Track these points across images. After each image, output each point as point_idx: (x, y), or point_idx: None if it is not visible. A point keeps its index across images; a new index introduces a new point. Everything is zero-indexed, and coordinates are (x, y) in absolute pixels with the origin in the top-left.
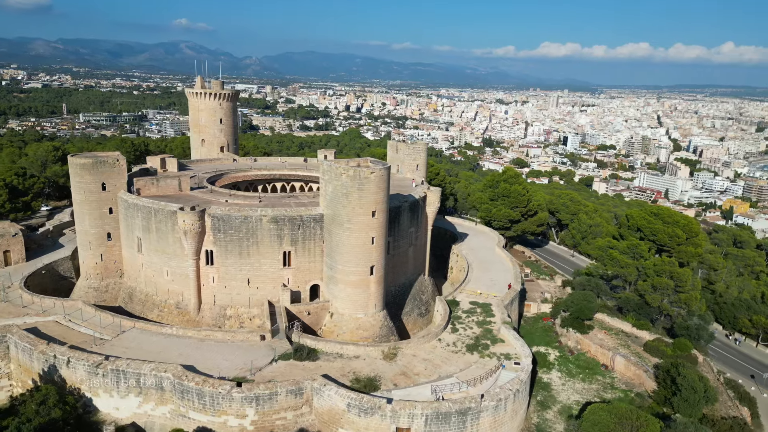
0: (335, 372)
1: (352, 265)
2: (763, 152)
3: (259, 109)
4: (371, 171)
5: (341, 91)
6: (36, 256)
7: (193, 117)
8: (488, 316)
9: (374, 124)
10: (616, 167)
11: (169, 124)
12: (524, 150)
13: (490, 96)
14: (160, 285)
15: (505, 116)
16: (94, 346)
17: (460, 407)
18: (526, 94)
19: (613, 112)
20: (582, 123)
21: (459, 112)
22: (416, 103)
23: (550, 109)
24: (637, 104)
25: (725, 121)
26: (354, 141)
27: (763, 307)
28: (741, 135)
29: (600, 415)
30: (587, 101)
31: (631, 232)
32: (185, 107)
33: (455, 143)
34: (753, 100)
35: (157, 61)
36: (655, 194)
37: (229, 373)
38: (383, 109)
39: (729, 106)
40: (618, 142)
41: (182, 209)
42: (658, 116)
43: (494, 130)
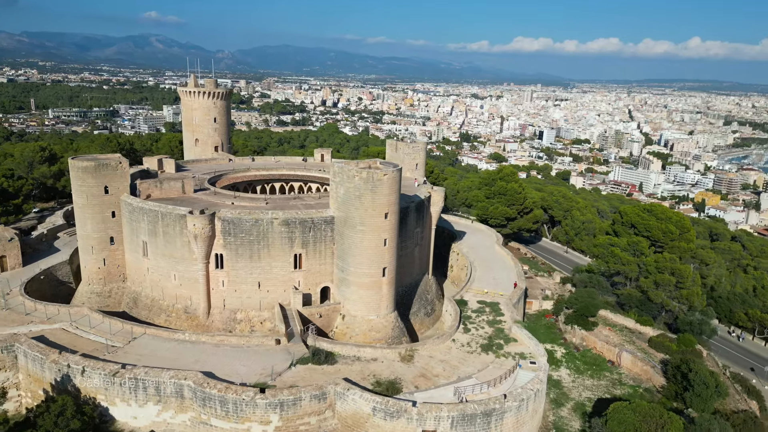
0: (355, 375)
1: (364, 267)
2: (731, 145)
3: (233, 104)
4: (384, 173)
5: (317, 85)
6: (32, 261)
7: (186, 116)
8: (498, 315)
9: (351, 119)
10: (591, 161)
11: (143, 120)
12: (501, 145)
13: (465, 90)
14: (167, 289)
15: (481, 111)
16: (106, 354)
17: (485, 408)
18: (500, 89)
19: (585, 106)
20: (556, 117)
21: (435, 107)
22: (392, 98)
23: (525, 104)
24: (609, 98)
25: (694, 115)
26: (333, 136)
27: (756, 301)
28: (709, 128)
29: (625, 414)
30: (560, 96)
31: (626, 229)
32: (158, 102)
33: (433, 138)
34: (720, 94)
35: (126, 55)
36: (630, 188)
37: (249, 379)
38: (360, 103)
39: (697, 100)
40: (592, 137)
41: (191, 213)
42: (629, 110)
43: (471, 125)
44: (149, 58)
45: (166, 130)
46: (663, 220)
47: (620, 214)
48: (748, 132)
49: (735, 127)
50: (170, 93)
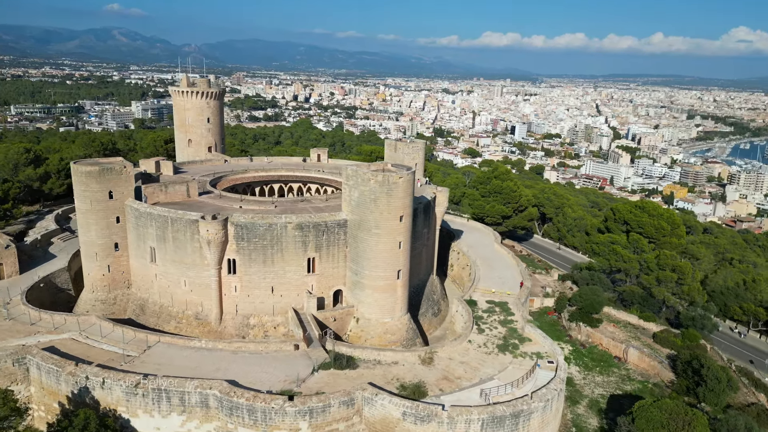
0: (378, 379)
1: (380, 270)
2: (695, 139)
3: None
4: (399, 176)
5: (287, 80)
6: (29, 268)
7: (178, 116)
8: (508, 315)
9: (324, 114)
10: (562, 155)
11: (110, 116)
12: (475, 140)
13: (436, 85)
14: (177, 296)
15: (453, 106)
16: (123, 364)
17: (513, 410)
18: (470, 84)
19: (554, 101)
20: (527, 112)
21: (407, 102)
22: (364, 93)
23: (495, 99)
24: (576, 93)
25: (658, 109)
26: (307, 132)
27: (748, 294)
28: (673, 122)
29: (652, 412)
30: (529, 90)
31: (618, 225)
32: (124, 98)
33: (407, 133)
34: (682, 89)
35: (89, 49)
36: (602, 181)
37: (273, 386)
38: (332, 98)
39: (660, 95)
40: (562, 131)
41: (203, 218)
42: (596, 105)
43: (443, 120)
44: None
45: (136, 127)
46: (655, 217)
47: (612, 211)
48: (711, 125)
49: (698, 121)
50: (137, 88)
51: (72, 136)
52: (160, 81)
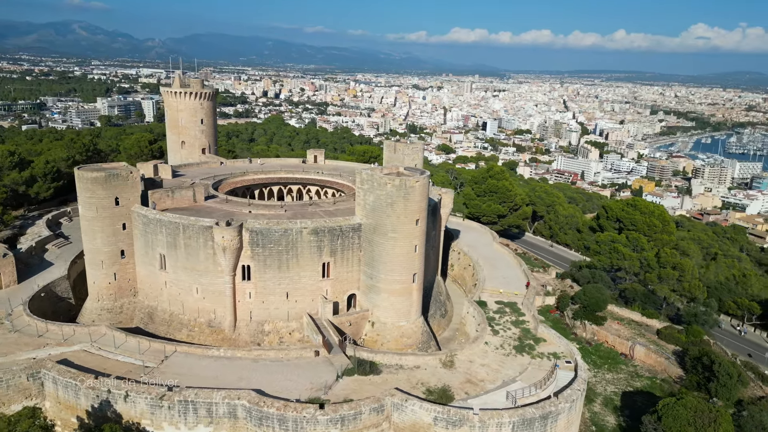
0: (403, 384)
1: (396, 274)
2: (659, 134)
3: None
4: (416, 180)
5: (256, 75)
6: (26, 277)
7: (171, 117)
8: (519, 315)
9: (296, 110)
10: (534, 151)
11: (75, 113)
12: (448, 136)
13: (406, 81)
14: (189, 303)
15: (424, 102)
16: (142, 376)
17: (542, 412)
18: (440, 80)
19: (523, 97)
20: (496, 108)
21: (379, 98)
22: (335, 89)
23: (465, 95)
24: (544, 89)
25: (623, 105)
26: (280, 129)
27: (739, 289)
28: (638, 118)
29: (678, 410)
30: (498, 86)
31: (611, 223)
32: (88, 94)
33: (380, 130)
34: (644, 84)
35: (48, 43)
36: (573, 176)
37: (300, 395)
38: (302, 94)
39: (624, 91)
40: (532, 127)
41: (218, 224)
42: (564, 101)
43: (415, 116)
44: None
45: (102, 125)
46: (647, 214)
47: (605, 209)
48: (673, 121)
49: (661, 116)
50: (101, 84)
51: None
52: (124, 76)
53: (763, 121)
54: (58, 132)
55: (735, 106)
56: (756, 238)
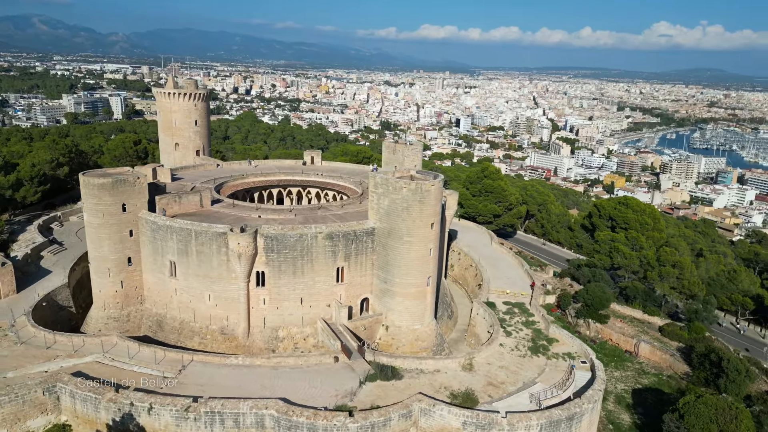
0: (427, 389)
1: (411, 278)
2: (626, 130)
3: (138, 92)
4: (431, 184)
5: (225, 71)
6: (25, 286)
7: (164, 119)
8: (528, 316)
9: (268, 107)
10: (507, 147)
11: (40, 110)
12: (422, 132)
13: (377, 78)
14: (200, 311)
15: (396, 98)
16: (163, 387)
17: (568, 413)
18: (411, 76)
19: (494, 93)
20: (468, 105)
21: (351, 94)
22: (307, 85)
23: (437, 92)
24: (514, 86)
25: (591, 101)
26: (254, 126)
27: (731, 285)
28: (606, 114)
29: (699, 408)
30: (469, 83)
31: (603, 221)
32: (51, 91)
33: (355, 126)
34: (610, 81)
35: (6, 38)
36: (546, 172)
37: (326, 402)
38: (274, 90)
39: (591, 87)
40: (504, 123)
41: (232, 231)
42: (533, 97)
43: (388, 113)
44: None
45: (68, 122)
46: (638, 212)
47: (597, 207)
48: (639, 117)
49: (628, 113)
50: (65, 80)
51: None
52: (88, 72)
53: (724, 117)
54: (24, 131)
55: (697, 102)
56: (725, 232)
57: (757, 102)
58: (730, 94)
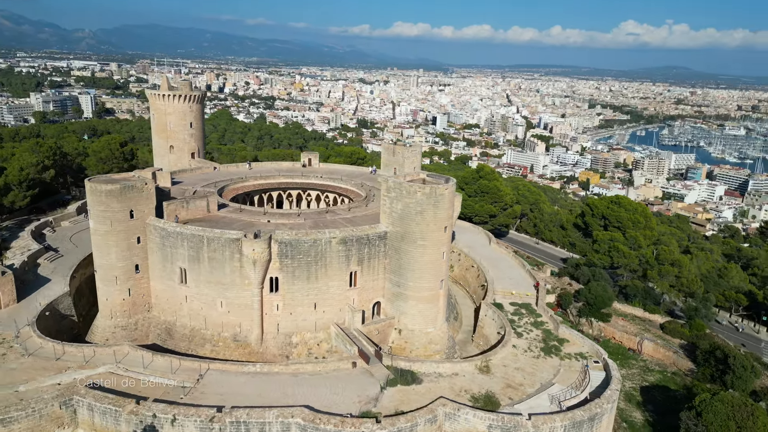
0: (447, 392)
1: (424, 281)
2: (597, 127)
3: (108, 89)
4: (445, 187)
5: (197, 69)
6: (24, 295)
7: (158, 121)
8: (536, 316)
9: (242, 105)
10: (483, 145)
11: (6, 109)
12: (399, 131)
13: (351, 75)
14: (212, 318)
15: (372, 96)
16: (183, 397)
17: (590, 414)
18: (385, 74)
19: (468, 91)
20: (443, 102)
21: (326, 92)
22: (281, 82)
23: (412, 89)
24: (487, 83)
25: (562, 99)
26: (230, 125)
27: (723, 281)
28: (577, 111)
29: (716, 406)
30: (442, 81)
31: (596, 220)
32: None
33: (331, 125)
34: (580, 79)
35: None
36: (523, 169)
37: (350, 408)
38: (247, 88)
39: (562, 85)
40: (480, 121)
41: (246, 237)
42: (507, 95)
43: (364, 111)
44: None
45: (37, 121)
46: (630, 211)
47: (589, 206)
48: (610, 114)
49: (599, 110)
50: (30, 77)
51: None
52: (54, 69)
53: (691, 114)
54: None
55: (665, 99)
56: (698, 227)
57: (722, 99)
58: (696, 92)
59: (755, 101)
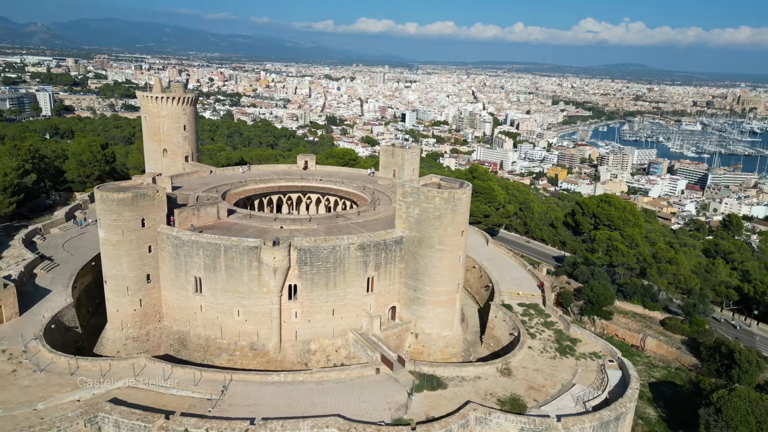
0: (473, 396)
1: (442, 285)
2: (561, 123)
3: (66, 86)
4: (463, 192)
5: (157, 64)
6: (26, 307)
7: (150, 124)
8: (545, 317)
9: (208, 101)
10: (453, 142)
11: None
12: (369, 128)
13: (317, 71)
14: (228, 327)
15: (339, 93)
16: (210, 410)
17: (616, 413)
18: (351, 70)
19: (434, 88)
20: (411, 99)
21: (292, 88)
22: (246, 79)
23: (379, 86)
24: (452, 80)
25: (527, 95)
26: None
27: (712, 277)
28: (542, 108)
29: (735, 401)
30: (408, 77)
31: (587, 219)
32: None
33: (300, 122)
34: (542, 76)
35: None
36: (492, 166)
37: (381, 416)
38: (212, 84)
39: (526, 81)
40: (448, 117)
41: (265, 244)
42: (473, 92)
43: (332, 107)
44: None
45: None
46: (620, 209)
47: (580, 205)
48: (573, 110)
49: (562, 106)
50: None
51: None
52: (7, 65)
53: (649, 110)
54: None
55: (624, 96)
56: (664, 221)
57: (678, 96)
58: (653, 88)
59: (709, 97)
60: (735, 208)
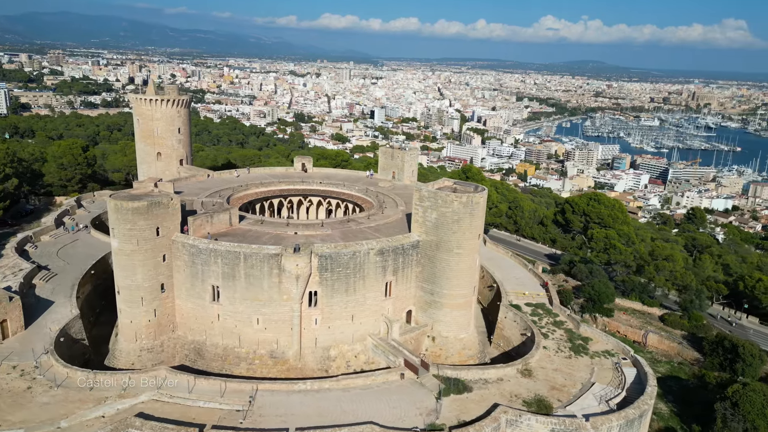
0: (499, 398)
1: (459, 289)
2: (526, 119)
3: (20, 82)
4: (480, 196)
5: (115, 59)
6: (31, 320)
7: (144, 127)
8: (554, 316)
9: None
10: (422, 138)
11: None
12: (338, 125)
13: (281, 67)
14: (247, 335)
15: (305, 89)
16: (242, 422)
17: (639, 411)
18: (316, 66)
19: (400, 84)
20: (378, 96)
21: (257, 85)
22: (209, 75)
23: (346, 82)
24: (418, 77)
25: (492, 92)
26: None
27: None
28: (507, 104)
29: (751, 396)
30: (374, 74)
31: (577, 217)
32: None
33: (268, 119)
34: (506, 72)
35: None
36: (463, 162)
37: (414, 422)
38: (174, 81)
39: (490, 78)
40: (416, 114)
41: (286, 251)
42: (438, 88)
43: (299, 104)
44: None
45: None
46: (609, 207)
47: (570, 204)
48: (537, 107)
49: (526, 103)
50: None
51: None
52: None
53: (609, 106)
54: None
55: (585, 92)
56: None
57: (636, 92)
58: (612, 85)
59: (665, 93)
60: (696, 201)
